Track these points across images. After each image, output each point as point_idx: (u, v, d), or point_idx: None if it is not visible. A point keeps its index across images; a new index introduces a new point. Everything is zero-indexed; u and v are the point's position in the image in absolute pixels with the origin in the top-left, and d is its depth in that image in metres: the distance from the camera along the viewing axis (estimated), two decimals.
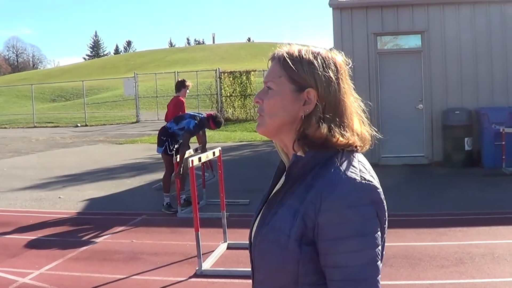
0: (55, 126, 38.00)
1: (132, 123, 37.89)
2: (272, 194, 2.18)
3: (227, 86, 35.83)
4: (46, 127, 37.89)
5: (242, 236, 9.31)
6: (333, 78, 2.09)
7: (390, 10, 15.71)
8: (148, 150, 22.14)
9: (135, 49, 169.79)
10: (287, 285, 2.04)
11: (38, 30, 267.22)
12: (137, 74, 40.22)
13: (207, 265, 7.86)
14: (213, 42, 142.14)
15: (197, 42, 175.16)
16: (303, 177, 2.05)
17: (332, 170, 2.00)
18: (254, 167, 16.70)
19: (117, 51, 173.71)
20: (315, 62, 2.10)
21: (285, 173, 2.16)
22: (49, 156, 22.06)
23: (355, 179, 1.97)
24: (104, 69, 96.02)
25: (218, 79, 36.18)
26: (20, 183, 15.49)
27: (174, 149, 11.86)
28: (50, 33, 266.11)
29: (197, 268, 7.71)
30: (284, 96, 2.10)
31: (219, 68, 37.42)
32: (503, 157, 14.10)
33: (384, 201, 2.03)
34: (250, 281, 2.29)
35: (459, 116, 15.03)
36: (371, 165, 2.12)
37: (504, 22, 15.47)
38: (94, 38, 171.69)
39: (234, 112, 35.59)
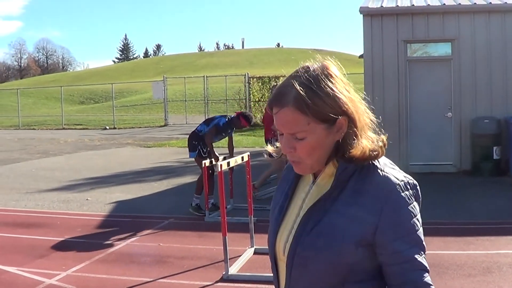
0: (83, 128, 38.33)
1: (161, 126, 38.08)
2: (306, 203, 2.17)
3: (255, 91, 35.86)
4: (75, 129, 38.23)
5: None
6: (350, 95, 2.10)
7: (421, 17, 15.64)
8: (176, 154, 22.27)
9: (165, 53, 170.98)
10: (332, 286, 2.09)
11: (68, 32, 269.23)
12: (166, 77, 40.39)
13: (233, 270, 7.87)
14: (242, 47, 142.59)
15: (226, 47, 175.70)
16: (344, 183, 2.09)
17: (380, 173, 2.09)
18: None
19: (146, 55, 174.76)
20: (331, 86, 2.05)
21: (314, 181, 2.20)
22: (77, 158, 22.23)
23: (403, 180, 2.09)
24: (133, 72, 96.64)
25: (247, 84, 36.22)
26: (48, 184, 15.63)
27: (207, 151, 11.90)
28: (80, 35, 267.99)
29: (223, 273, 7.72)
30: (320, 137, 2.06)
31: (248, 73, 37.48)
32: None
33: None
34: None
35: (488, 124, 14.92)
36: None
37: None
38: (124, 41, 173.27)
39: (262, 117, 35.48)
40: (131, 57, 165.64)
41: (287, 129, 2.08)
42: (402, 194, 2.06)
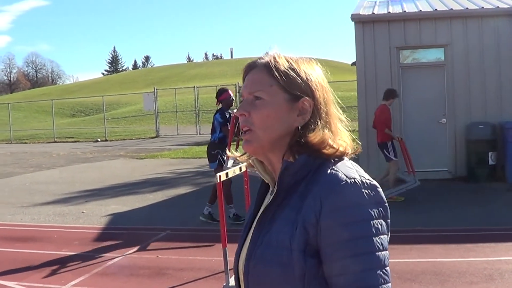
0: (75, 141, 38.21)
1: (152, 138, 38.02)
2: (260, 213, 2.01)
3: None
4: (66, 142, 38.11)
5: None
6: (324, 86, 2.03)
7: (413, 23, 15.66)
8: (169, 165, 22.23)
9: (153, 64, 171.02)
10: None
11: (57, 46, 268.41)
12: (156, 89, 40.36)
13: (233, 281, 7.80)
14: (231, 56, 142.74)
15: (215, 57, 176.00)
16: (295, 187, 1.92)
17: (328, 172, 1.88)
18: None
19: (135, 66, 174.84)
20: (309, 69, 2.02)
21: (271, 190, 2.06)
22: (70, 170, 22.13)
23: (354, 177, 1.86)
24: (122, 84, 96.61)
25: (237, 93, 36.21)
26: (43, 197, 15.55)
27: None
28: (69, 48, 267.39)
29: (224, 284, 7.65)
30: (278, 107, 1.95)
31: (238, 83, 37.46)
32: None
33: (387, 203, 1.91)
34: None
35: (483, 130, 14.91)
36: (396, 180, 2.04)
37: None
38: (113, 53, 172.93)
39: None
40: (120, 69, 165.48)
41: (248, 88, 2.01)
42: (350, 192, 1.82)
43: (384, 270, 1.82)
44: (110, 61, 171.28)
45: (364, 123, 15.56)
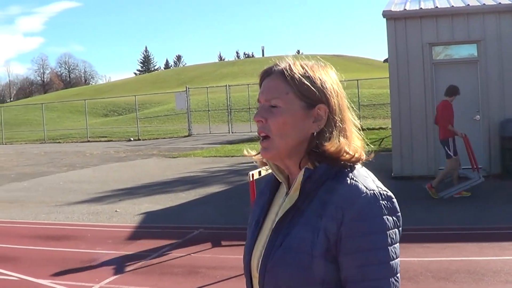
0: (108, 141, 38.46)
1: (184, 136, 38.11)
2: (278, 216, 2.04)
3: None
4: (100, 141, 38.39)
5: None
6: (339, 92, 2.07)
7: (445, 19, 15.51)
8: (202, 164, 22.28)
9: (185, 64, 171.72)
10: None
11: (90, 46, 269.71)
12: (188, 88, 40.47)
13: None
14: (263, 55, 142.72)
15: (246, 56, 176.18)
16: (314, 192, 1.98)
17: (348, 182, 1.96)
18: None
19: (167, 66, 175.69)
20: (323, 76, 2.06)
21: (286, 192, 2.10)
22: (103, 170, 22.30)
23: (373, 189, 1.94)
24: (155, 84, 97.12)
25: None
26: (76, 196, 15.68)
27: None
28: (101, 49, 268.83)
29: None
30: (295, 114, 2.00)
31: None
32: None
33: (400, 212, 1.98)
34: None
35: None
36: (430, 178, 2.05)
37: None
38: (145, 53, 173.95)
39: None
40: (152, 69, 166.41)
41: (264, 95, 2.05)
42: (369, 203, 1.91)
43: (396, 278, 1.91)
44: (142, 61, 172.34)
45: (397, 120, 15.48)
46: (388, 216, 1.92)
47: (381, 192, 1.94)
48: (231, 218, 11.81)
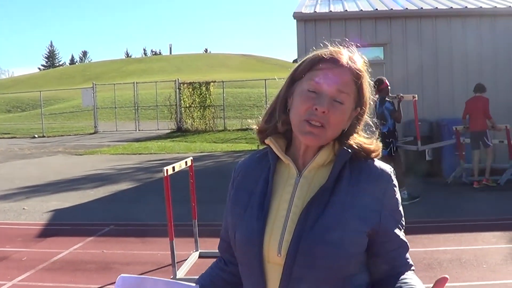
0: (12, 137, 37.54)
1: (91, 134, 37.60)
2: (307, 196, 2.08)
3: (186, 97, 35.75)
4: (3, 138, 37.43)
5: (213, 245, 9.36)
6: (370, 94, 2.20)
7: (354, 22, 15.95)
8: (109, 161, 22.16)
9: (91, 60, 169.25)
10: (335, 285, 2.04)
11: None
12: (95, 84, 39.97)
13: (181, 273, 7.89)
14: (170, 52, 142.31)
15: (153, 53, 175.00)
16: (342, 172, 2.10)
17: (372, 162, 2.15)
18: (219, 177, 16.72)
19: (72, 61, 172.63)
20: (370, 83, 2.19)
21: (300, 174, 2.13)
22: (8, 167, 21.83)
23: (391, 168, 2.18)
24: (60, 80, 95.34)
25: (177, 89, 36.12)
26: None
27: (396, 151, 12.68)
28: (4, 43, 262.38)
29: (171, 277, 7.74)
30: (349, 113, 2.12)
31: (178, 79, 37.38)
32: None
33: None
34: None
35: (421, 127, 15.22)
36: None
37: (464, 36, 15.84)
38: (50, 48, 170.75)
39: (193, 123, 35.57)
40: (57, 64, 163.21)
41: (339, 86, 2.07)
42: (394, 181, 2.13)
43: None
44: (47, 56, 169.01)
45: None
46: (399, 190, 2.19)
47: (392, 170, 2.18)
48: (141, 215, 11.84)
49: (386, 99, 12.34)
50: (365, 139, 2.16)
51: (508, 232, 9.77)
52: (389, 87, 12.46)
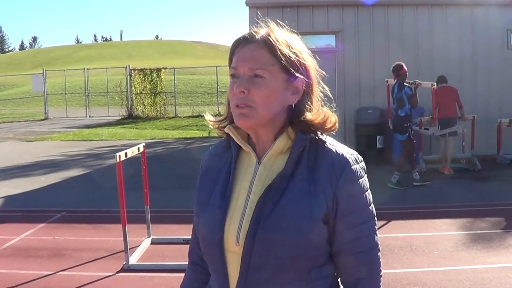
0: None
1: (41, 120, 37.13)
2: (264, 183, 2.05)
3: (137, 83, 35.64)
4: None
5: (165, 231, 9.43)
6: (314, 64, 2.15)
7: (306, 10, 16.01)
8: (59, 148, 21.95)
9: (41, 45, 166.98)
10: (300, 275, 2.03)
11: None
12: (45, 70, 39.48)
13: (133, 260, 7.88)
14: (121, 39, 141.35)
15: (104, 39, 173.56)
16: (299, 159, 2.05)
17: (331, 148, 2.09)
18: (170, 164, 16.73)
19: (22, 47, 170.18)
20: (302, 47, 2.13)
21: (259, 162, 2.10)
22: None
23: (352, 153, 2.11)
24: (9, 65, 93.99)
25: (128, 76, 35.92)
26: None
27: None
28: None
29: (124, 263, 7.73)
30: (278, 86, 2.02)
31: (129, 65, 37.16)
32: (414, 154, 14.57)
33: None
34: (177, 274, 2.32)
35: (371, 114, 15.45)
36: None
37: (416, 24, 16.05)
38: None
39: (144, 109, 35.49)
40: (7, 50, 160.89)
41: (249, 63, 2.02)
42: (355, 167, 2.06)
43: (377, 233, 2.13)
44: None
45: None
46: (366, 176, 2.12)
47: (357, 155, 2.11)
48: (92, 201, 11.80)
49: (405, 83, 12.46)
50: (313, 114, 2.08)
51: (459, 219, 9.98)
52: (407, 73, 12.65)
